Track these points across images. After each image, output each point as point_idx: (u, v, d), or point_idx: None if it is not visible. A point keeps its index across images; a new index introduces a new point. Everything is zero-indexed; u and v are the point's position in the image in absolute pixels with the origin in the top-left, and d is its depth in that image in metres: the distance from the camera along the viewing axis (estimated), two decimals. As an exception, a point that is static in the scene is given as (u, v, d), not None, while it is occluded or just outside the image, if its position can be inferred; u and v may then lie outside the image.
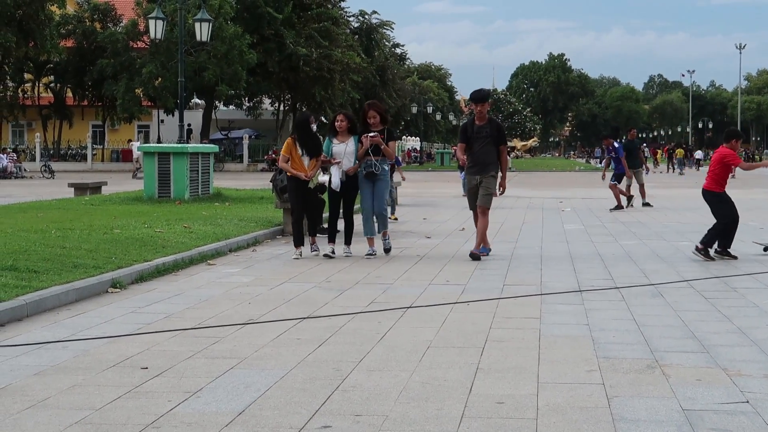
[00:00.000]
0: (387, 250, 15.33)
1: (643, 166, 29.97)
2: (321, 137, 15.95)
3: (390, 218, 19.58)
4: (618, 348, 8.17)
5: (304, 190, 14.84)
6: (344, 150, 14.86)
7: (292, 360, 7.69)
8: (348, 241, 15.20)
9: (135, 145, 56.13)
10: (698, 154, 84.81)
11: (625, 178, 27.56)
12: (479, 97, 15.06)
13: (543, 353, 7.96)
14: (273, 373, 7.27)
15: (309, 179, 14.72)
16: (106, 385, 6.90)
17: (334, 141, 14.94)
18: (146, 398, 6.57)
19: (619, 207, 26.41)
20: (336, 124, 15.03)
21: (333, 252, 14.79)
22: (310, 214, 15.20)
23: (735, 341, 8.50)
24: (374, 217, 15.26)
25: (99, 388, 6.82)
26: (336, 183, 14.74)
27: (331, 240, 15.01)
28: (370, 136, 14.70)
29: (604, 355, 7.89)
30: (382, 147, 14.84)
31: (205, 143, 54.03)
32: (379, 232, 15.43)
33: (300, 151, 14.83)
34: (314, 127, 15.39)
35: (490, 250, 15.15)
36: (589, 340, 8.49)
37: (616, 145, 27.09)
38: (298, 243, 14.87)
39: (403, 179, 26.98)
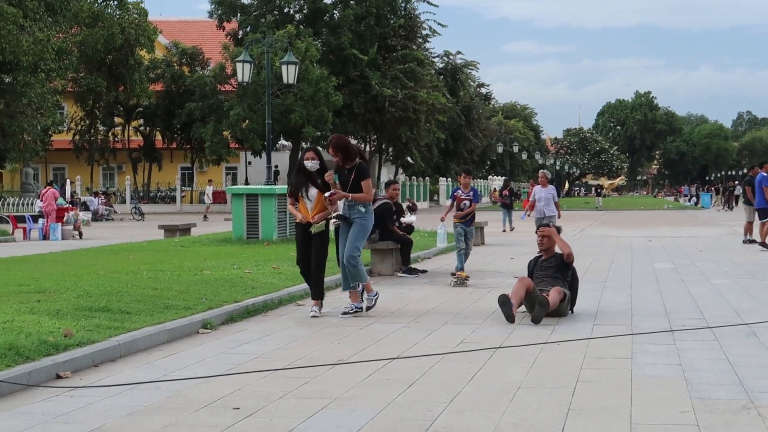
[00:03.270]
0: (367, 308, 13.07)
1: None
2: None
3: (457, 274, 17.15)
4: (712, 389, 8.05)
5: (307, 236, 13.01)
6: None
7: (383, 400, 7.69)
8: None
9: (209, 189, 57.67)
10: None
11: (746, 212, 27.95)
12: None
13: (635, 394, 7.87)
14: (363, 413, 7.28)
15: (309, 223, 12.94)
16: (199, 426, 6.96)
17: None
18: (238, 438, 6.60)
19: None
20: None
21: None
22: (314, 264, 13.06)
23: (833, 382, 8.33)
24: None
25: (192, 428, 6.88)
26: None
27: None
28: (326, 196, 12.80)
29: (697, 395, 7.78)
30: (350, 197, 12.85)
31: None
32: (345, 290, 13.28)
33: (302, 193, 13.19)
34: (311, 164, 12.94)
35: None
36: (682, 381, 8.38)
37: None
38: (316, 296, 13.12)
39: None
